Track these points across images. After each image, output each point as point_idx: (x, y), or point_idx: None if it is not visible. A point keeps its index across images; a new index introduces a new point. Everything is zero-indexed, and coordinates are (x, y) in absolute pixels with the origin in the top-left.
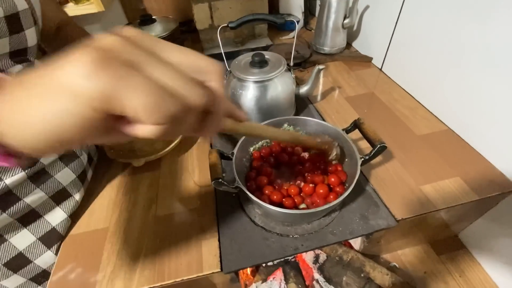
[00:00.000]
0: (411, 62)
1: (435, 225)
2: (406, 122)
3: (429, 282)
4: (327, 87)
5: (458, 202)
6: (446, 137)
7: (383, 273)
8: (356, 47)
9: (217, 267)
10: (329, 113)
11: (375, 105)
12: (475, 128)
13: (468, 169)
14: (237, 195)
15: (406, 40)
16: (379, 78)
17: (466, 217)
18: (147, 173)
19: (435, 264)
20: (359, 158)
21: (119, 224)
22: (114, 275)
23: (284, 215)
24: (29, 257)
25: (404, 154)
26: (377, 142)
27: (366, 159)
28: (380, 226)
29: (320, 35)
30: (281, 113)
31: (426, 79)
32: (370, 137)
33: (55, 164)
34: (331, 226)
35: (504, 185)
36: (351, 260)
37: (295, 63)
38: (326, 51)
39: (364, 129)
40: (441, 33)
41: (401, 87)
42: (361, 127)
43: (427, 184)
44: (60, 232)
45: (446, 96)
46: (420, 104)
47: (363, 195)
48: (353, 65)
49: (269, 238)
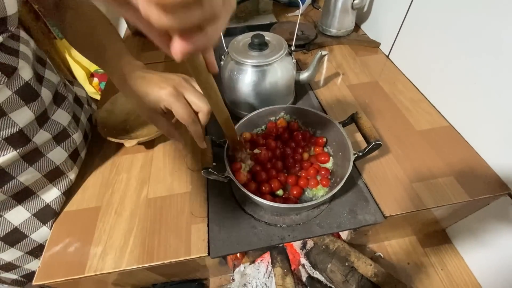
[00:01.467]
0: (420, 50)
1: (424, 221)
2: (407, 115)
3: (412, 273)
4: (330, 73)
5: (448, 202)
6: (446, 134)
7: (366, 263)
8: (365, 30)
9: (204, 252)
10: (329, 101)
11: (377, 96)
12: (476, 127)
13: (463, 168)
14: (228, 183)
15: (418, 26)
16: (385, 66)
17: (456, 214)
18: (140, 154)
19: (419, 256)
20: (352, 154)
21: (111, 203)
22: (104, 253)
23: (272, 208)
24: (25, 232)
25: (401, 149)
26: (372, 139)
27: (360, 155)
28: (367, 221)
29: (328, 15)
30: (280, 99)
31: (433, 71)
32: (366, 133)
33: (48, 143)
34: (319, 218)
35: (498, 187)
36: (337, 249)
37: (298, 45)
38: (333, 33)
39: (360, 124)
40: (455, 22)
41: (407, 77)
42: (358, 121)
43: (419, 181)
44: (54, 208)
45: (451, 91)
46: (424, 97)
47: (354, 189)
48: (359, 49)
49: (257, 227)
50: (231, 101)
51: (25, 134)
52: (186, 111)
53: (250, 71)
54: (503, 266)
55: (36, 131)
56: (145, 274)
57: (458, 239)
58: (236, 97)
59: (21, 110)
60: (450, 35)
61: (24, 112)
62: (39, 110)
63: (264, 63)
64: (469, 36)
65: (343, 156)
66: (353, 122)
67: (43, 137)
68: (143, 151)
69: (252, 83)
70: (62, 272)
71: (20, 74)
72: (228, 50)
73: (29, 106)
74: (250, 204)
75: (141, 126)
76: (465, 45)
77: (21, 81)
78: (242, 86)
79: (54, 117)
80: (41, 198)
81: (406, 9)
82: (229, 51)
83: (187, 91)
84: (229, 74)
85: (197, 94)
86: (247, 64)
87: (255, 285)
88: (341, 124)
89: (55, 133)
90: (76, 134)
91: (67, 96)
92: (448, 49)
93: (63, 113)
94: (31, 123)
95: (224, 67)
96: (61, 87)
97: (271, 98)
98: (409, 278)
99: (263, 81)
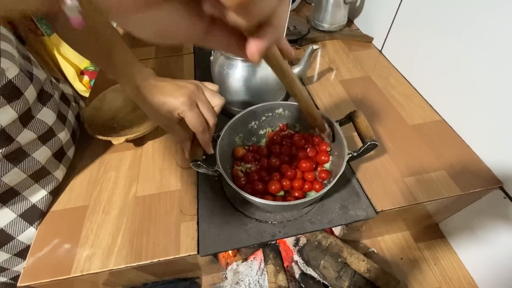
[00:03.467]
0: (413, 45)
1: (416, 215)
2: (399, 110)
3: (405, 268)
4: (323, 68)
5: (440, 196)
6: (438, 128)
7: (359, 259)
8: (358, 24)
9: (194, 250)
10: (321, 97)
11: (370, 91)
12: (468, 121)
13: (455, 162)
14: (219, 179)
15: (410, 21)
16: (377, 61)
17: (448, 209)
18: (129, 152)
19: (413, 251)
20: (347, 154)
21: (99, 202)
22: (91, 253)
23: (262, 205)
24: (12, 234)
25: (393, 144)
26: (368, 139)
27: (354, 155)
28: (359, 217)
29: (320, 10)
30: (271, 95)
31: (424, 65)
32: (362, 132)
33: (33, 143)
34: (310, 214)
35: (490, 180)
36: (329, 245)
37: (291, 40)
38: (325, 28)
39: (357, 123)
40: (446, 17)
41: (399, 72)
42: (355, 120)
43: (411, 176)
44: (41, 208)
45: (443, 85)
46: (417, 92)
47: (345, 184)
48: (352, 44)
49: (248, 224)
50: None
51: (7, 134)
52: (199, 121)
53: (240, 66)
54: (496, 260)
55: (19, 130)
56: (135, 274)
57: (451, 234)
58: (227, 93)
59: (3, 109)
60: (441, 29)
61: (6, 111)
62: (23, 109)
63: None
64: (460, 31)
65: (339, 155)
66: (350, 122)
67: (28, 137)
68: (132, 148)
69: (242, 78)
70: (48, 273)
71: (4, 73)
72: None
73: (12, 105)
74: (240, 201)
75: (130, 123)
76: (457, 39)
77: (4, 79)
78: (233, 81)
79: (39, 116)
80: (27, 199)
81: (398, 4)
82: None
83: (200, 101)
84: (219, 70)
85: (208, 106)
86: (237, 59)
87: (248, 283)
88: (338, 123)
89: (40, 132)
90: (63, 133)
91: (53, 94)
92: (439, 44)
93: (48, 112)
94: (14, 122)
95: (214, 62)
96: (47, 85)
97: (262, 93)
98: (403, 273)
99: (254, 76)
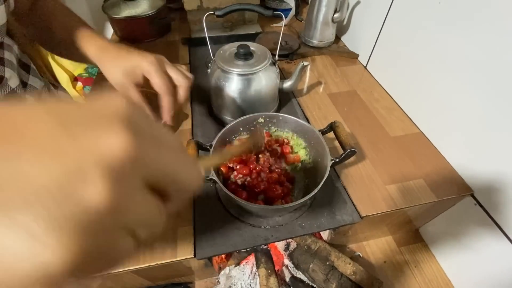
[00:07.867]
0: (393, 62)
1: (398, 220)
2: (382, 122)
3: (388, 270)
4: (312, 82)
5: (418, 203)
6: (417, 140)
7: (346, 262)
8: (345, 41)
9: (190, 253)
10: (311, 109)
11: (355, 104)
12: (443, 134)
13: (431, 171)
14: (214, 186)
15: (391, 40)
16: (363, 76)
17: (426, 214)
18: None
19: (395, 254)
20: (330, 160)
21: None
22: None
23: (253, 209)
24: None
25: (376, 154)
26: (348, 147)
27: (336, 161)
28: (345, 221)
29: (310, 27)
30: (264, 106)
31: (405, 81)
32: (342, 141)
33: None
34: (301, 219)
35: (462, 188)
36: (318, 249)
37: (283, 54)
38: (315, 44)
39: (338, 132)
40: (424, 38)
41: (382, 87)
42: (335, 130)
43: (393, 184)
44: None
45: (420, 100)
46: (398, 106)
47: (333, 192)
48: (339, 60)
49: (242, 228)
50: (217, 107)
51: None
52: (165, 81)
53: (236, 79)
54: (470, 263)
55: None
56: (130, 278)
57: (430, 238)
58: (222, 103)
59: None
60: (420, 50)
61: None
62: None
63: (249, 72)
64: (438, 53)
65: (322, 162)
66: (331, 131)
67: None
68: None
69: (237, 90)
70: None
71: (7, 82)
72: (214, 58)
73: None
74: (235, 207)
75: None
76: (435, 60)
77: (7, 89)
78: (228, 93)
79: None
80: None
81: (381, 25)
82: (215, 60)
83: (169, 66)
84: (215, 82)
85: (178, 71)
86: (233, 72)
87: (240, 287)
88: (321, 132)
89: None
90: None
91: None
92: (420, 63)
93: None
94: None
95: (211, 75)
96: (44, 93)
97: (256, 105)
98: (386, 275)
99: (248, 89)
